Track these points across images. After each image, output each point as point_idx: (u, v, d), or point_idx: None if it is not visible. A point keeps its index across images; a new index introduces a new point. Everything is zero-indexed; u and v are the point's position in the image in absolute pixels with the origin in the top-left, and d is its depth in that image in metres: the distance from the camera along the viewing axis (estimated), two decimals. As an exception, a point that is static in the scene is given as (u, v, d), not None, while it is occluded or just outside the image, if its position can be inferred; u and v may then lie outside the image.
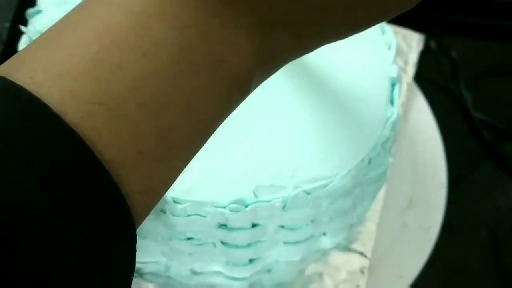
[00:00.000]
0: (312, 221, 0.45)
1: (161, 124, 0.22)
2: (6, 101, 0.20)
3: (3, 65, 0.23)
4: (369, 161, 0.46)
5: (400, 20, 0.50)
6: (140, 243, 0.46)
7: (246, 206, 0.42)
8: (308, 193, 0.43)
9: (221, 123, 0.25)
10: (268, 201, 0.42)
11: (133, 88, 0.22)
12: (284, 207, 0.43)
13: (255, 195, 0.43)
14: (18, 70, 0.22)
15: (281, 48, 0.25)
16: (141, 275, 0.50)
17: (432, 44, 0.73)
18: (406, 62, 0.67)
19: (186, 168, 0.26)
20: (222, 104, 0.24)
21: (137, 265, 0.48)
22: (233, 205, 0.42)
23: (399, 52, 0.65)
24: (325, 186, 0.43)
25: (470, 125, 0.69)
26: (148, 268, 0.49)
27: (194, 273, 0.48)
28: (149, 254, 0.48)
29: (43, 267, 0.19)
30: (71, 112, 0.21)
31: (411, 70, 0.67)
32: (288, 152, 0.45)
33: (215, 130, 0.25)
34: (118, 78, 0.22)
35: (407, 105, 0.65)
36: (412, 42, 0.69)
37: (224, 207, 0.42)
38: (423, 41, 0.70)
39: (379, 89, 0.49)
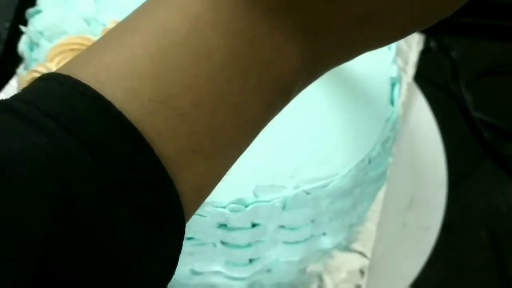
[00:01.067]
0: (312, 221, 0.45)
1: (214, 124, 0.24)
2: (74, 98, 0.22)
3: (67, 64, 0.24)
4: (369, 161, 0.46)
5: None
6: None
7: (246, 206, 0.42)
8: (308, 193, 0.43)
9: (265, 125, 0.26)
10: (268, 201, 0.42)
11: (190, 88, 0.23)
12: (284, 207, 0.43)
13: (255, 195, 0.43)
14: (84, 69, 0.23)
15: (324, 54, 0.26)
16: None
17: (432, 44, 0.73)
18: (406, 62, 0.67)
19: None
20: (267, 106, 0.25)
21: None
22: (233, 205, 0.42)
23: (399, 52, 0.65)
24: (325, 186, 0.43)
25: (470, 125, 0.69)
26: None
27: (194, 273, 0.48)
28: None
29: (107, 252, 0.21)
30: (133, 110, 0.22)
31: (411, 70, 0.67)
32: (288, 152, 0.45)
33: (259, 132, 0.26)
34: (176, 78, 0.23)
35: (407, 105, 0.65)
36: (412, 42, 0.69)
37: (224, 207, 0.42)
38: (423, 41, 0.70)
39: (379, 89, 0.49)
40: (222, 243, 0.45)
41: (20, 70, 0.51)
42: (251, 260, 0.47)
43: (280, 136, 0.46)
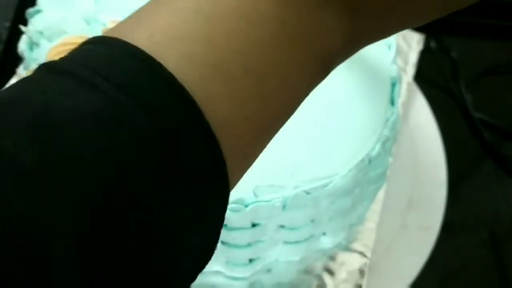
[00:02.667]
0: (312, 220, 0.45)
1: (264, 92, 0.24)
2: (125, 59, 0.22)
3: (114, 28, 0.24)
4: (369, 161, 0.46)
5: None
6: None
7: (246, 206, 0.42)
8: (308, 193, 0.43)
9: (303, 99, 0.27)
10: (268, 201, 0.42)
11: (242, 54, 0.23)
12: (284, 207, 0.43)
13: (255, 195, 0.43)
14: (136, 31, 0.23)
15: (364, 31, 0.27)
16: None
17: (432, 44, 0.73)
18: (406, 62, 0.67)
19: None
20: (311, 79, 0.26)
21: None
22: (233, 205, 0.42)
23: (399, 52, 0.65)
24: (325, 186, 0.44)
25: (470, 125, 0.69)
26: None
27: None
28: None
29: (152, 213, 0.21)
30: (186, 73, 0.22)
31: (411, 70, 0.67)
32: (288, 152, 0.45)
33: (299, 105, 0.27)
34: (229, 44, 0.23)
35: (407, 105, 0.65)
36: (412, 42, 0.69)
37: None
38: (423, 41, 0.70)
39: (379, 89, 0.50)
40: (222, 242, 0.45)
41: (20, 70, 0.51)
42: (251, 260, 0.47)
43: (280, 136, 0.46)
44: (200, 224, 0.23)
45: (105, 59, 0.22)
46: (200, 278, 0.48)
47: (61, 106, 0.20)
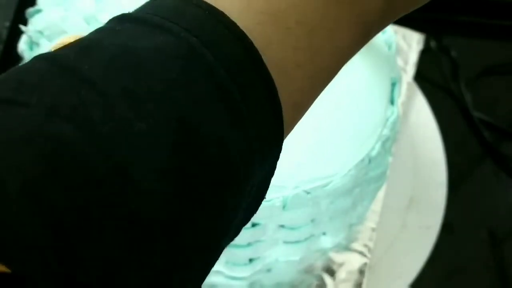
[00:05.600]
0: (312, 220, 0.45)
1: (314, 43, 0.26)
2: (189, 8, 0.24)
3: None
4: (369, 161, 0.46)
5: (401, 20, 0.50)
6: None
7: None
8: (308, 193, 0.43)
9: (347, 61, 0.28)
10: (268, 201, 0.42)
11: (294, 6, 0.25)
12: (284, 207, 0.43)
13: None
14: None
15: (373, 14, 0.28)
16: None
17: (432, 44, 0.73)
18: (406, 62, 0.67)
19: None
20: (354, 41, 0.28)
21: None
22: None
23: (399, 51, 0.65)
24: (325, 185, 0.44)
25: (470, 124, 0.69)
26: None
27: None
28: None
29: (218, 148, 0.22)
30: (246, 19, 0.24)
31: (411, 70, 0.67)
32: (288, 152, 0.45)
33: (343, 65, 0.28)
34: None
35: (407, 104, 0.65)
36: (412, 42, 0.69)
37: None
38: (423, 41, 0.70)
39: (379, 88, 0.50)
40: None
41: (20, 69, 0.51)
42: (251, 260, 0.47)
43: None
44: (259, 169, 0.24)
45: (173, 9, 0.24)
46: None
47: (138, 45, 0.22)
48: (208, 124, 0.22)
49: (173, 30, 0.23)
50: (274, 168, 0.26)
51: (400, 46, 0.67)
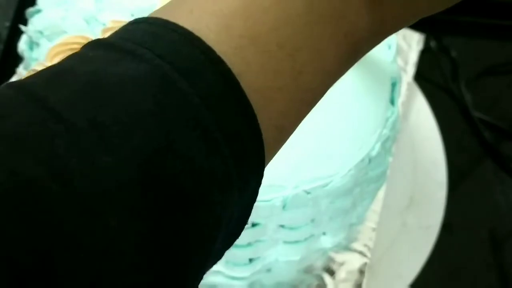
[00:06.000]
0: (312, 220, 0.45)
1: (296, 66, 0.25)
2: (166, 34, 0.23)
3: (159, 9, 0.26)
4: (369, 161, 0.46)
5: None
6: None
7: None
8: (308, 193, 0.43)
9: (334, 82, 0.28)
10: (268, 201, 0.42)
11: (275, 29, 0.24)
12: (284, 207, 0.43)
13: None
14: (176, 11, 0.24)
15: (391, 16, 0.28)
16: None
17: (432, 44, 0.73)
18: (406, 62, 0.67)
19: None
20: (340, 60, 0.27)
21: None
22: None
23: (399, 51, 0.65)
24: (325, 185, 0.44)
25: (470, 124, 0.69)
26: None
27: None
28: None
29: (189, 176, 0.21)
30: (225, 44, 0.23)
31: (411, 70, 0.67)
32: (288, 152, 0.45)
33: (331, 85, 0.27)
34: (263, 18, 0.24)
35: (407, 104, 0.65)
36: (412, 42, 0.69)
37: None
38: (423, 41, 0.70)
39: (379, 88, 0.50)
40: None
41: (20, 69, 0.51)
42: (251, 260, 0.47)
43: None
44: (237, 197, 0.24)
45: (148, 34, 0.23)
46: None
47: (109, 72, 0.22)
48: (181, 155, 0.21)
49: (146, 57, 0.22)
50: (257, 192, 0.26)
51: (400, 46, 0.67)
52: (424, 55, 0.70)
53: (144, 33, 0.23)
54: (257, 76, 0.24)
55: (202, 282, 0.49)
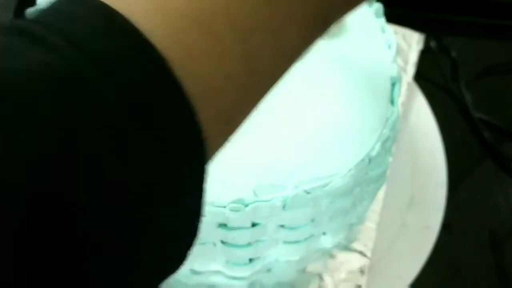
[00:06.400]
0: (312, 220, 0.45)
1: (250, 48, 0.22)
2: (88, 15, 0.20)
3: None
4: (369, 161, 0.46)
5: (400, 19, 0.50)
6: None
7: (246, 205, 0.42)
8: (308, 193, 0.43)
9: (299, 57, 0.24)
10: (268, 201, 0.42)
11: (226, 8, 0.21)
12: (284, 207, 0.43)
13: (255, 195, 0.43)
14: None
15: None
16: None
17: (432, 44, 0.73)
18: (406, 62, 0.67)
19: None
20: (304, 35, 0.24)
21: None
22: (233, 205, 0.42)
23: (399, 51, 0.65)
24: (325, 185, 0.43)
25: (470, 124, 0.69)
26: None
27: (194, 272, 0.48)
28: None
29: (116, 176, 0.19)
30: (162, 25, 0.20)
31: (411, 70, 0.67)
32: (288, 152, 0.46)
33: (294, 63, 0.24)
34: None
35: (407, 104, 0.65)
36: (412, 42, 0.69)
37: (224, 207, 0.42)
38: (423, 41, 0.70)
39: (379, 88, 0.50)
40: (222, 242, 0.45)
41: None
42: (251, 260, 0.47)
43: (280, 136, 0.46)
44: (172, 201, 0.20)
45: (66, 16, 0.20)
46: (200, 278, 0.49)
47: (11, 67, 0.18)
48: (94, 163, 0.18)
49: (57, 47, 0.19)
50: (200, 196, 0.22)
51: (400, 46, 0.67)
52: (424, 55, 0.70)
53: (62, 15, 0.20)
54: (200, 63, 0.21)
55: (202, 281, 0.49)
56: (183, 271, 0.47)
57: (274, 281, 0.50)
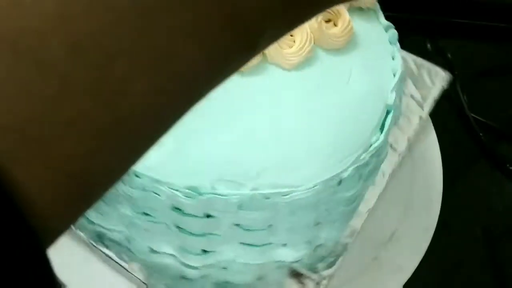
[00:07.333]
0: (269, 226, 0.45)
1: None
2: None
3: None
4: (340, 182, 0.45)
5: (399, 21, 0.50)
6: (102, 208, 0.48)
7: (201, 194, 0.42)
8: (267, 198, 0.42)
9: (214, 85, 0.17)
10: (224, 196, 0.42)
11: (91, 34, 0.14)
12: (240, 206, 0.43)
13: (212, 187, 0.42)
14: None
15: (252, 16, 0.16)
16: (102, 240, 0.50)
17: (428, 45, 0.73)
18: (425, 98, 0.63)
19: (156, 145, 0.17)
20: (215, 61, 0.16)
21: (99, 230, 0.50)
22: (187, 191, 0.42)
23: (420, 85, 0.63)
24: (285, 194, 0.43)
25: (465, 125, 0.69)
26: (109, 235, 0.49)
27: (152, 251, 0.48)
28: (110, 221, 0.48)
29: None
30: None
31: (428, 106, 0.63)
32: (258, 153, 0.44)
33: (204, 95, 0.17)
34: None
35: (415, 139, 0.62)
36: (437, 79, 0.65)
37: (177, 190, 0.42)
38: (447, 79, 0.65)
39: (369, 112, 0.48)
40: (177, 226, 0.45)
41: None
42: (204, 251, 0.47)
43: (257, 136, 0.45)
44: None
45: None
46: (157, 257, 0.48)
47: None
48: None
49: None
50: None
51: (423, 80, 0.64)
52: (420, 56, 0.70)
53: None
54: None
55: (159, 261, 0.48)
56: (142, 247, 0.48)
57: (230, 280, 0.50)
